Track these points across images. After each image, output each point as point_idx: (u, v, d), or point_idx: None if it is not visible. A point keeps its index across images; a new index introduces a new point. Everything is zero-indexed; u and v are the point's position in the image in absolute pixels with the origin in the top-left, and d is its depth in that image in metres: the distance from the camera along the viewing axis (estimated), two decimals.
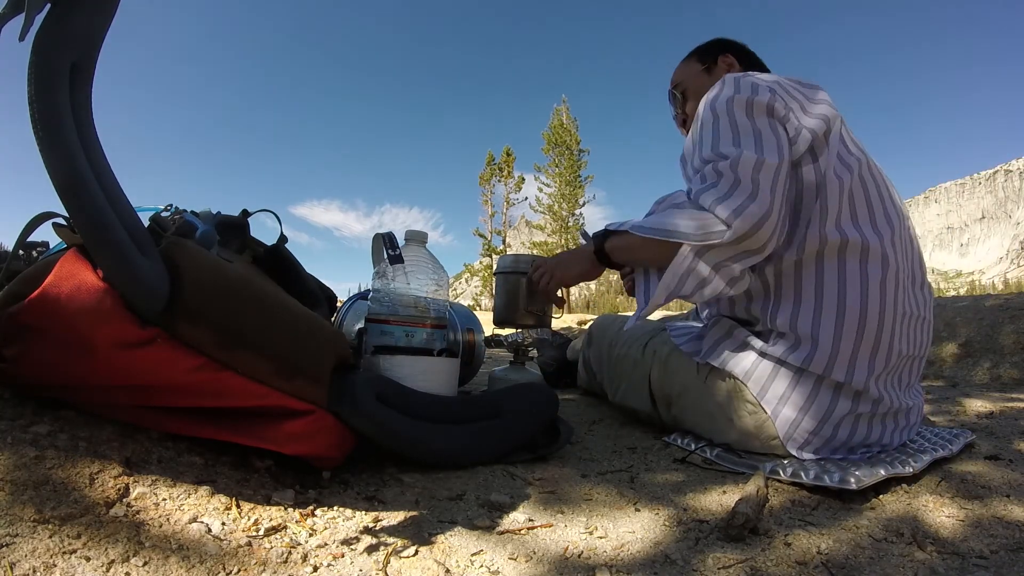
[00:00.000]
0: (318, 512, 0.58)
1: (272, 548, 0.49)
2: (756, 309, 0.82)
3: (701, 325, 0.98)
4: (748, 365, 0.82)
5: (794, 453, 0.79)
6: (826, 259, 0.76)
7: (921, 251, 0.88)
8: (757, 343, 0.81)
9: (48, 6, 0.44)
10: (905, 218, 0.84)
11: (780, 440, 0.79)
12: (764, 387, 0.80)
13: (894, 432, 0.82)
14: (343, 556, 0.50)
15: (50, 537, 0.42)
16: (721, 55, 1.07)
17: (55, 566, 0.40)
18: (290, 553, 0.48)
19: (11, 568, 0.39)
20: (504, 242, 25.37)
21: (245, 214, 1.08)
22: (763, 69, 1.06)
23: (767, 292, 0.80)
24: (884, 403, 0.78)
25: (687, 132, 1.10)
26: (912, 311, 0.80)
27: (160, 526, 0.48)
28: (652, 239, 0.78)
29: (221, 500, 0.54)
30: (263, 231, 1.25)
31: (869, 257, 0.76)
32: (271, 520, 0.53)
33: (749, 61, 1.06)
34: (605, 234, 0.92)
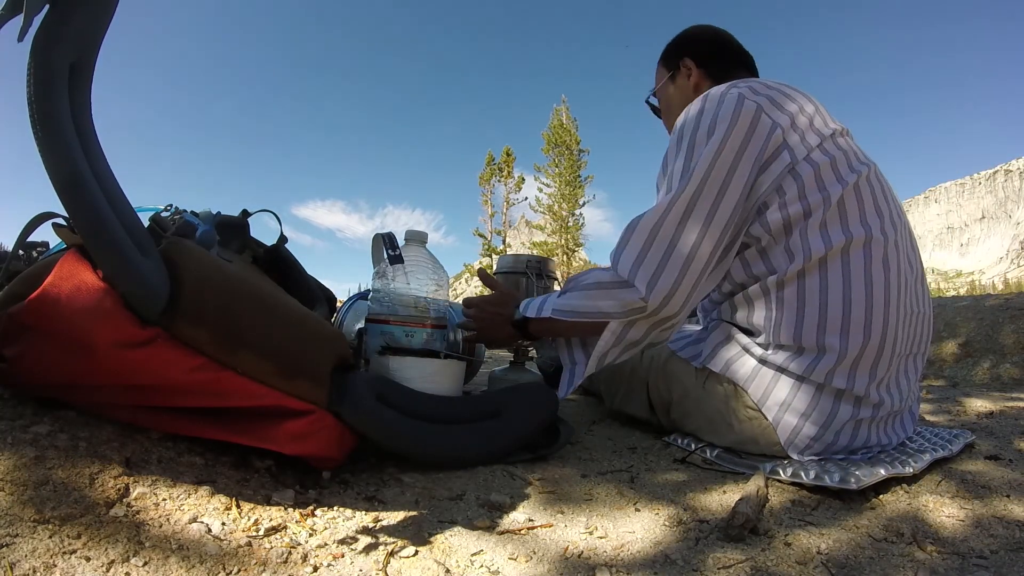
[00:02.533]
0: (318, 512, 0.58)
1: (272, 548, 0.49)
2: (758, 320, 0.79)
3: (699, 328, 0.97)
4: (748, 371, 0.81)
5: (795, 457, 0.79)
6: (830, 264, 0.74)
7: (917, 245, 0.87)
8: (757, 350, 0.80)
9: (47, 7, 0.44)
10: (903, 215, 0.84)
11: (781, 446, 0.79)
12: (765, 393, 0.79)
13: (892, 433, 0.82)
14: (343, 556, 0.50)
15: (50, 537, 0.42)
16: (681, 60, 1.00)
17: (55, 566, 0.40)
18: (290, 553, 0.48)
19: (11, 568, 0.39)
20: (504, 242, 25.39)
21: (245, 214, 1.08)
22: (734, 59, 1.00)
23: (768, 303, 0.78)
24: (885, 406, 0.78)
25: None
26: (914, 309, 0.80)
27: (160, 526, 0.48)
28: (578, 322, 0.81)
29: (221, 500, 0.54)
30: (263, 231, 1.25)
31: (872, 260, 0.75)
32: (271, 520, 0.53)
33: (714, 57, 0.99)
34: (525, 320, 0.91)
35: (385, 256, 0.97)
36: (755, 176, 0.76)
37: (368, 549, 0.51)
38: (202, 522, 0.50)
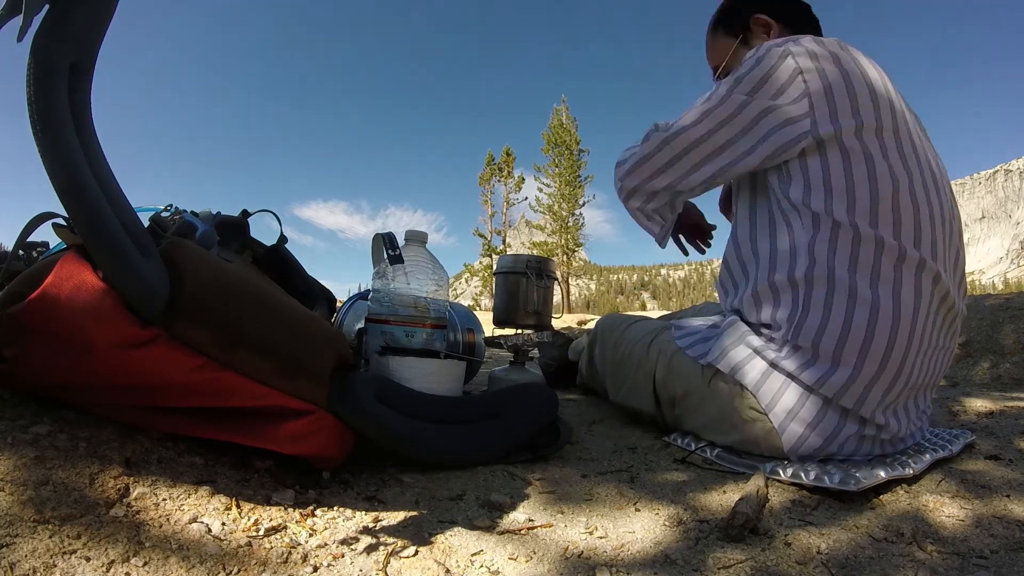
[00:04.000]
0: (318, 512, 0.58)
1: (272, 548, 0.49)
2: (781, 316, 0.77)
3: (707, 326, 0.96)
4: (757, 376, 0.79)
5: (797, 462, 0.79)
6: (859, 276, 0.72)
7: (966, 281, 0.82)
8: (770, 354, 0.78)
9: (47, 6, 0.44)
10: (955, 247, 0.79)
11: (783, 450, 0.78)
12: (773, 399, 0.78)
13: (895, 447, 0.82)
14: (343, 556, 0.50)
15: (50, 537, 0.42)
16: (752, 16, 0.94)
17: (55, 566, 0.40)
18: (290, 553, 0.48)
19: (11, 568, 0.39)
20: (504, 242, 25.38)
21: (245, 214, 1.08)
22: (801, 14, 0.95)
23: (795, 300, 0.76)
24: (890, 429, 0.77)
25: None
26: (939, 344, 0.77)
27: (160, 526, 0.48)
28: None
29: (221, 500, 0.54)
30: (264, 231, 1.25)
31: (904, 283, 0.72)
32: (271, 520, 0.53)
33: (789, 14, 0.94)
34: None
35: (385, 256, 0.97)
36: (775, 132, 0.76)
37: (368, 549, 0.51)
38: (202, 522, 0.50)
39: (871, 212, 0.73)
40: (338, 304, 1.28)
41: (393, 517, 0.60)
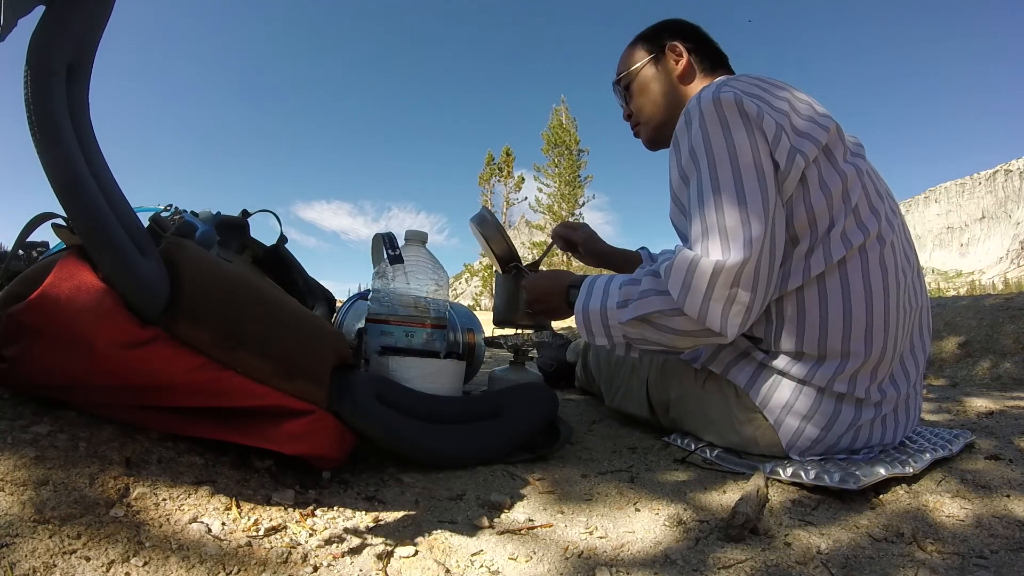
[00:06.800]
0: (318, 512, 0.58)
1: (272, 548, 0.49)
2: (759, 331, 0.79)
3: None
4: (749, 374, 0.80)
5: (796, 458, 0.79)
6: (828, 277, 0.73)
7: (912, 239, 0.86)
8: (759, 354, 0.79)
9: (43, 8, 0.44)
10: (897, 211, 0.83)
11: (782, 447, 0.79)
12: (766, 396, 0.78)
13: (895, 430, 0.82)
14: (343, 556, 0.50)
15: (50, 537, 0.42)
16: (669, 43, 0.94)
17: (55, 566, 0.40)
18: (290, 553, 0.48)
19: (11, 568, 0.39)
20: None
21: (245, 214, 1.08)
22: (717, 55, 0.95)
23: (769, 316, 0.77)
24: (888, 400, 0.77)
25: (634, 128, 1.01)
26: (912, 305, 0.79)
27: (160, 526, 0.48)
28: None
29: (221, 500, 0.54)
30: (264, 231, 1.25)
31: (870, 264, 0.74)
32: (271, 520, 0.53)
33: (701, 50, 0.94)
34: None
35: (385, 256, 0.97)
36: (775, 181, 0.71)
37: (368, 549, 0.51)
38: (202, 522, 0.50)
39: (845, 210, 0.73)
40: (338, 304, 1.28)
41: (393, 517, 0.60)
